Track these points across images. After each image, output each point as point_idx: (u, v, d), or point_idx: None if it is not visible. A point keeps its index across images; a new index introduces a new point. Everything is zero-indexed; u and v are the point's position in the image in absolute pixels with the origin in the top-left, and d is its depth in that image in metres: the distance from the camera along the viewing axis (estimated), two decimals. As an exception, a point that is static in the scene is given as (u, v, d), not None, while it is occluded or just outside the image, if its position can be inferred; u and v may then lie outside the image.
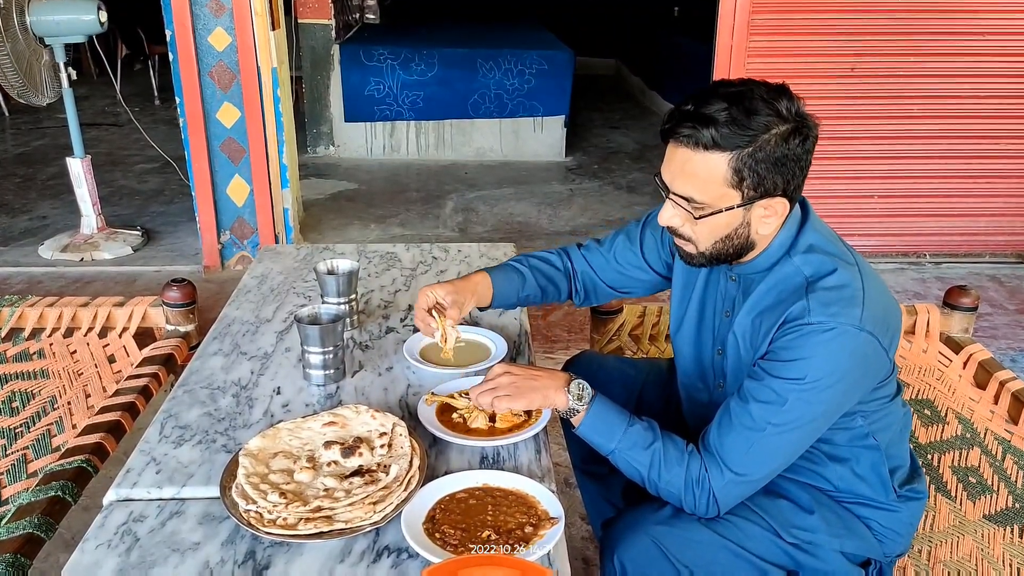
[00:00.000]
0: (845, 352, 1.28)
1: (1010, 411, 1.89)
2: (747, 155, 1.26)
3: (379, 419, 1.38)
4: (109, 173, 5.51)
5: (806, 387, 1.28)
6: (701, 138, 1.26)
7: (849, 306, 1.28)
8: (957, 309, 2.13)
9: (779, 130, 1.27)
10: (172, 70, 3.78)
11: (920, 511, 1.52)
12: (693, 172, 1.30)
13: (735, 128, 1.25)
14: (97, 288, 3.86)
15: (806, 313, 1.28)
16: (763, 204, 1.31)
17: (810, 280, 1.32)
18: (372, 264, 2.17)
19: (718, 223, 1.33)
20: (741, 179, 1.28)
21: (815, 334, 1.27)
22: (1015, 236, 4.24)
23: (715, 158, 1.27)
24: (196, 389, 1.57)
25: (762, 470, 1.34)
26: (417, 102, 5.92)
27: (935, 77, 3.96)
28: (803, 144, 1.29)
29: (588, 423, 1.40)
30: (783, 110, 1.27)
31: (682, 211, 1.34)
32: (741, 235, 1.35)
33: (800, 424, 1.32)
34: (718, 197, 1.30)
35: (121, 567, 1.13)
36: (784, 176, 1.30)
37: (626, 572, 1.40)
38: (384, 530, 1.20)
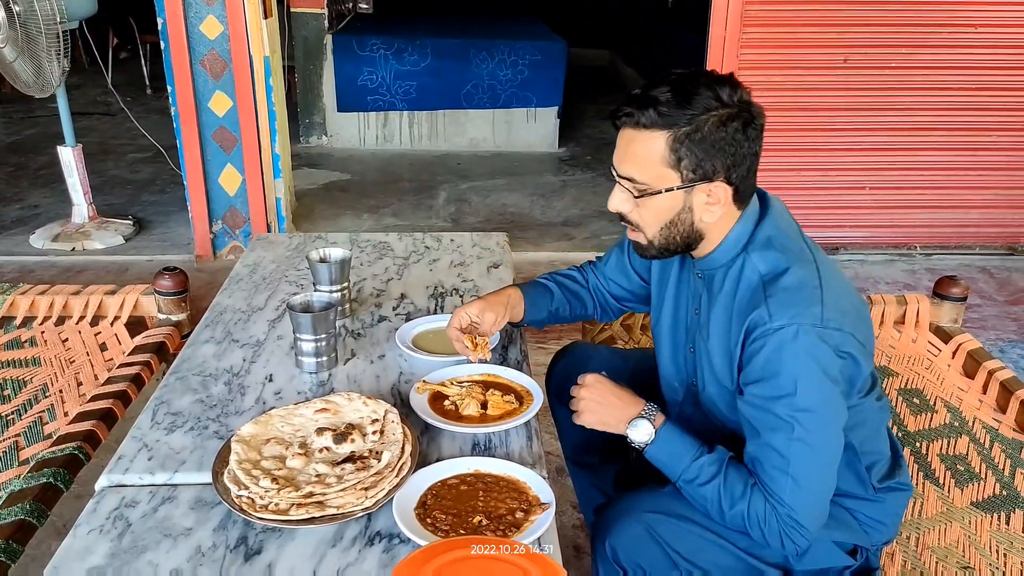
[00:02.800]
0: (816, 349, 1.26)
1: (998, 400, 1.90)
2: (684, 134, 1.28)
3: (371, 406, 1.39)
4: (101, 162, 5.48)
5: (803, 402, 1.27)
6: (641, 117, 1.29)
7: (809, 305, 1.27)
8: (947, 299, 2.14)
9: (718, 113, 1.28)
10: (164, 59, 3.76)
11: (905, 501, 1.52)
12: (635, 152, 1.32)
13: (673, 108, 1.27)
14: (88, 277, 3.84)
15: (768, 318, 1.28)
16: (704, 189, 1.32)
17: (766, 280, 1.32)
18: (365, 253, 2.17)
19: (660, 206, 1.34)
20: (679, 159, 1.29)
21: (783, 342, 1.26)
22: (1005, 228, 4.26)
23: (654, 136, 1.29)
24: (188, 376, 1.57)
25: (807, 488, 1.30)
26: (410, 92, 5.91)
27: (927, 69, 3.97)
28: (743, 131, 1.30)
29: (653, 453, 1.40)
30: (724, 95, 1.29)
31: (628, 194, 1.35)
32: (685, 221, 1.35)
33: (818, 429, 1.29)
34: (658, 177, 1.31)
35: (113, 552, 1.14)
36: (723, 160, 1.30)
37: (618, 557, 1.41)
38: (376, 516, 1.20)
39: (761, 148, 1.36)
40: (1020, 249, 4.27)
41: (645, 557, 1.41)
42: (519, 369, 1.60)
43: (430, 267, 2.09)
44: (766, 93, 3.98)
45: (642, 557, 1.41)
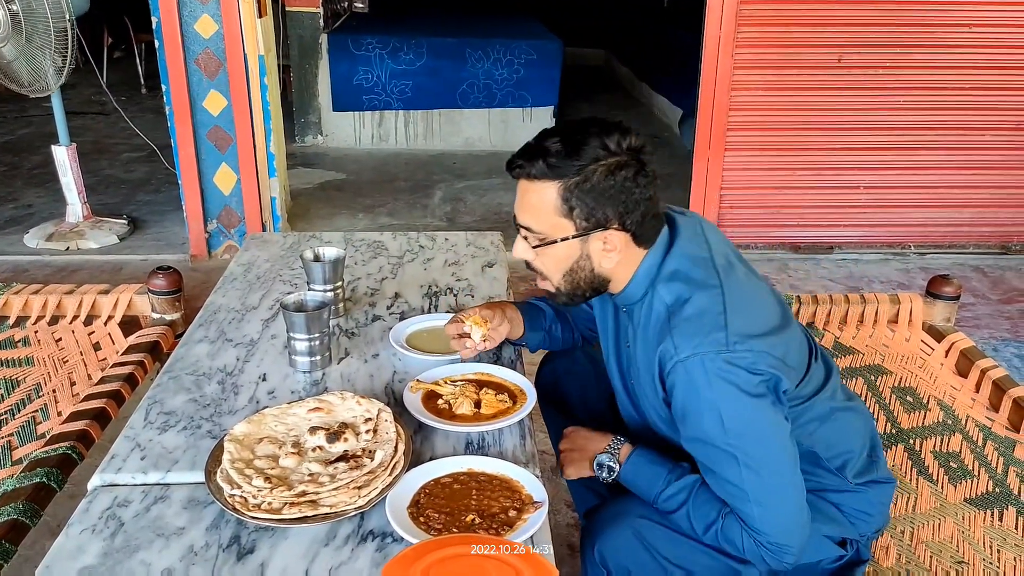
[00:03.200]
0: (727, 374, 1.26)
1: (991, 399, 1.91)
2: (573, 184, 1.29)
3: (364, 405, 1.39)
4: (95, 162, 5.47)
5: (730, 425, 1.26)
6: (532, 169, 1.31)
7: (712, 331, 1.27)
8: (940, 298, 2.15)
9: (606, 163, 1.30)
10: (158, 58, 3.76)
11: (888, 492, 1.52)
12: (529, 202, 1.34)
13: (563, 159, 1.29)
14: (83, 277, 3.84)
15: (673, 351, 1.28)
16: (599, 237, 1.34)
17: (671, 311, 1.32)
18: (359, 252, 2.17)
19: (559, 255, 1.36)
20: (571, 208, 1.31)
21: (691, 374, 1.27)
22: (999, 227, 4.27)
23: (546, 187, 1.31)
24: (181, 376, 1.57)
25: (771, 503, 1.30)
26: (406, 91, 5.90)
27: (921, 69, 3.98)
28: (633, 179, 1.31)
29: (625, 480, 1.44)
30: (612, 144, 1.30)
31: (527, 243, 1.38)
32: (585, 268, 1.37)
33: (761, 449, 1.29)
34: (553, 226, 1.34)
35: (106, 551, 1.14)
36: (615, 208, 1.31)
37: (606, 563, 1.41)
38: (369, 514, 1.20)
39: (656, 192, 1.35)
40: (1014, 248, 4.28)
41: (633, 562, 1.41)
42: (512, 368, 1.60)
43: (424, 266, 2.09)
44: (760, 93, 3.99)
45: (630, 562, 1.41)
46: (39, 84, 3.89)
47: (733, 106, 3.98)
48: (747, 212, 4.20)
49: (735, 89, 3.95)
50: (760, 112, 4.01)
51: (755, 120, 4.03)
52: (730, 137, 4.04)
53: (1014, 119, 4.07)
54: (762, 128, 4.05)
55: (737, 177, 4.13)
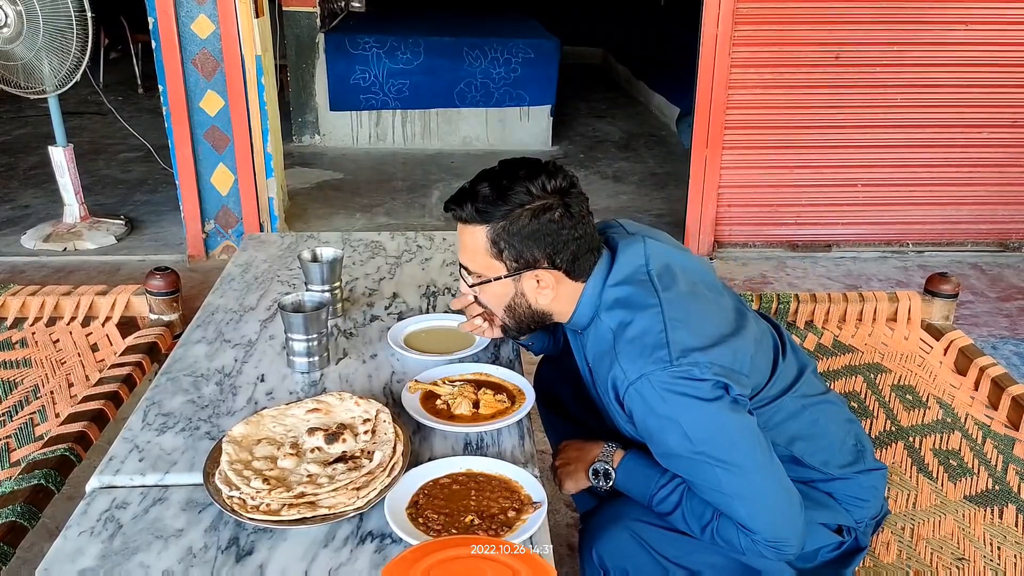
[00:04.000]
0: (676, 387, 1.26)
1: (990, 397, 1.91)
2: (501, 228, 1.34)
3: (363, 406, 1.39)
4: (92, 162, 5.47)
5: (693, 434, 1.27)
6: (463, 213, 1.37)
7: (655, 350, 1.28)
8: (938, 296, 2.15)
9: (531, 206, 1.33)
10: (155, 58, 3.75)
11: (880, 479, 1.52)
12: (464, 243, 1.40)
13: (489, 204, 1.34)
14: (80, 278, 3.83)
15: (622, 374, 1.30)
16: (531, 276, 1.37)
17: (615, 335, 1.33)
18: (357, 252, 2.17)
19: (495, 292, 1.41)
20: (500, 250, 1.36)
21: (643, 394, 1.27)
22: (997, 224, 4.28)
23: (476, 231, 1.36)
24: (179, 377, 1.56)
25: (758, 502, 1.30)
26: (403, 91, 5.90)
27: (918, 66, 3.98)
28: (559, 220, 1.34)
29: (621, 487, 1.46)
30: (536, 188, 1.33)
31: (469, 281, 1.42)
32: (522, 305, 1.41)
33: (733, 451, 1.28)
34: (486, 267, 1.39)
35: (104, 553, 1.13)
36: (543, 249, 1.35)
37: (604, 565, 1.41)
38: (368, 515, 1.20)
39: (588, 229, 1.38)
40: (1012, 245, 4.29)
41: (631, 563, 1.41)
42: (511, 368, 1.59)
43: (422, 266, 2.09)
44: (758, 91, 3.99)
45: (628, 563, 1.41)
46: (53, 81, 3.89)
47: (731, 104, 3.98)
48: (745, 210, 4.20)
49: (732, 87, 3.95)
50: (758, 110, 4.01)
51: (753, 118, 4.03)
52: (728, 135, 4.04)
53: (1012, 116, 4.07)
54: (760, 126, 4.05)
55: (735, 175, 4.13)
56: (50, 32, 3.77)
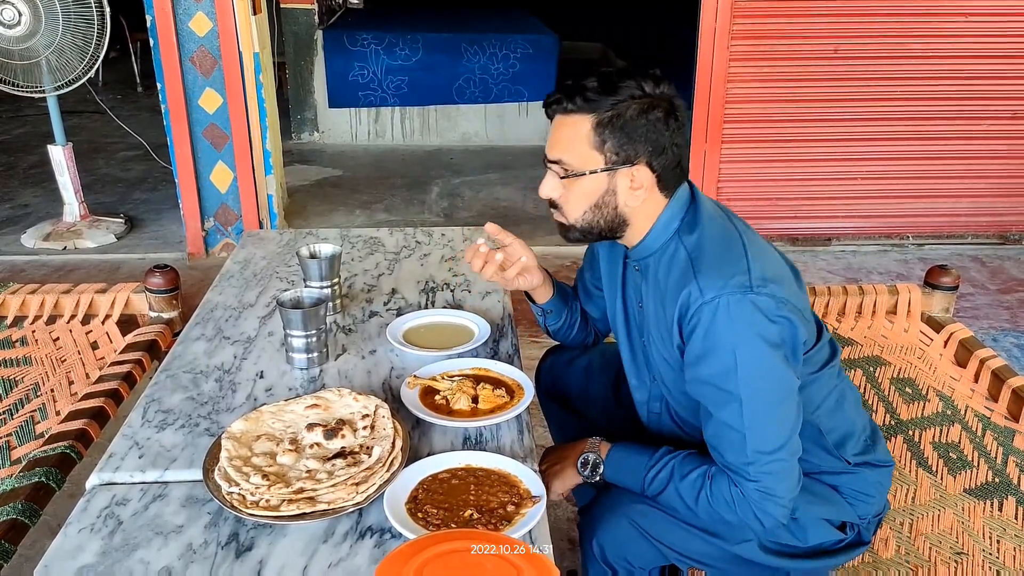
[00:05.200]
0: (751, 316, 1.28)
1: (990, 389, 1.91)
2: (607, 119, 1.33)
3: (362, 401, 1.39)
4: (92, 161, 5.47)
5: (735, 371, 1.28)
6: (569, 103, 1.35)
7: (736, 275, 1.29)
8: (938, 289, 2.15)
9: (639, 102, 1.34)
10: (153, 56, 3.75)
11: (887, 475, 1.53)
12: (562, 135, 1.38)
13: (598, 93, 1.34)
14: (80, 276, 3.83)
15: (699, 294, 1.30)
16: (627, 173, 1.36)
17: (693, 257, 1.35)
18: (355, 249, 2.17)
19: (585, 188, 1.38)
20: (603, 141, 1.34)
21: (715, 314, 1.28)
22: (997, 217, 4.27)
23: (580, 120, 1.35)
24: (179, 374, 1.57)
25: (769, 457, 1.30)
26: (401, 87, 5.89)
27: (917, 58, 3.97)
28: (664, 120, 1.35)
29: (611, 478, 1.47)
30: (646, 87, 1.35)
31: (556, 178, 1.40)
32: (609, 204, 1.39)
33: (768, 396, 1.30)
34: (584, 159, 1.36)
35: (104, 550, 1.13)
36: (645, 147, 1.35)
37: (606, 555, 1.41)
38: (367, 511, 1.20)
39: (685, 142, 1.40)
40: (1012, 238, 4.28)
41: (633, 552, 1.42)
42: (510, 363, 1.59)
43: (421, 262, 2.09)
44: (757, 85, 3.98)
45: (630, 552, 1.42)
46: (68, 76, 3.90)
47: (729, 98, 3.97)
48: (744, 204, 4.19)
49: (731, 81, 3.94)
50: (756, 104, 4.00)
51: (751, 112, 4.02)
52: (727, 129, 4.03)
53: (1011, 108, 4.06)
54: (759, 120, 4.04)
55: (734, 169, 4.12)
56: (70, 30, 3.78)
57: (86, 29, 3.84)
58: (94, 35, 3.84)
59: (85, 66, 3.90)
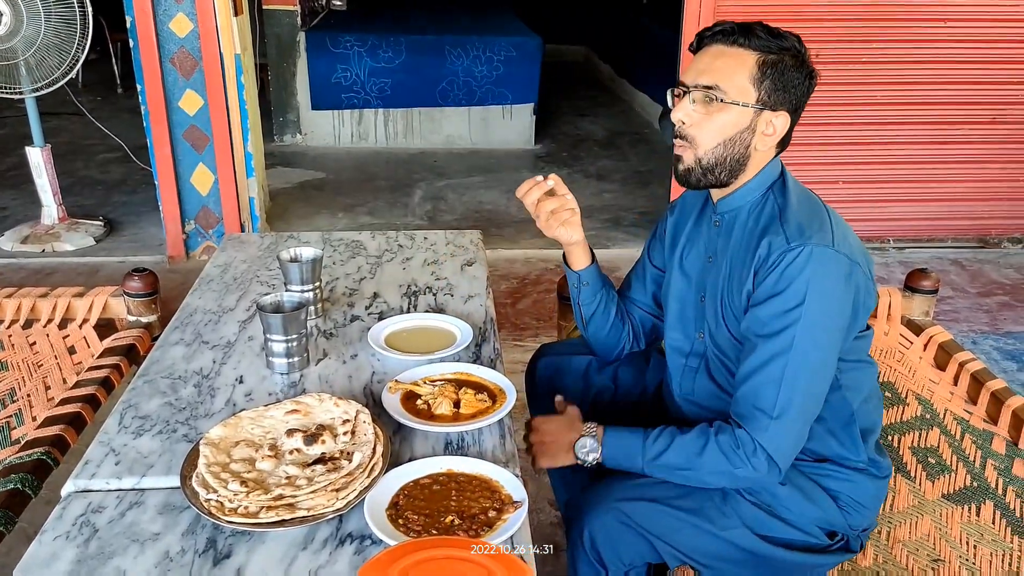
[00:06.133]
0: (829, 271, 1.34)
1: (969, 392, 1.91)
2: (772, 60, 1.40)
3: (342, 407, 1.38)
4: (71, 163, 5.41)
5: (800, 311, 1.33)
6: (738, 37, 1.42)
7: (820, 231, 1.36)
8: (918, 292, 2.16)
9: (799, 56, 1.43)
10: (133, 57, 3.72)
11: (884, 488, 1.55)
12: (723, 64, 1.42)
13: (766, 37, 1.41)
14: (58, 279, 3.79)
15: (784, 242, 1.35)
16: (768, 117, 1.42)
17: (782, 210, 1.42)
18: (337, 252, 2.16)
19: (728, 120, 1.42)
20: (762, 79, 1.40)
21: (795, 259, 1.34)
22: (977, 220, 4.31)
23: (747, 54, 1.41)
24: (157, 379, 1.55)
25: (793, 408, 1.36)
26: (385, 89, 5.88)
27: (898, 63, 4.00)
28: (808, 80, 1.44)
29: (608, 457, 1.48)
30: (801, 47, 1.44)
31: (699, 104, 1.43)
32: (742, 142, 1.43)
33: (818, 351, 1.35)
34: (739, 90, 1.41)
35: (79, 558, 1.12)
36: (792, 96, 1.42)
37: (596, 546, 1.41)
38: (347, 517, 1.19)
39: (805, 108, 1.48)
40: (992, 241, 4.32)
41: (622, 544, 1.42)
42: (492, 367, 1.59)
43: (403, 266, 2.08)
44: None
45: (619, 544, 1.42)
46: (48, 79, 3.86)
47: (712, 102, 3.98)
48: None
49: (714, 85, 3.95)
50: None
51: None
52: (709, 133, 4.04)
53: (990, 112, 4.11)
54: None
55: (717, 173, 4.13)
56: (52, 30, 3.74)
57: (67, 30, 3.81)
58: (75, 36, 3.81)
59: (65, 67, 3.86)
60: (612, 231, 4.52)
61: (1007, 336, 3.40)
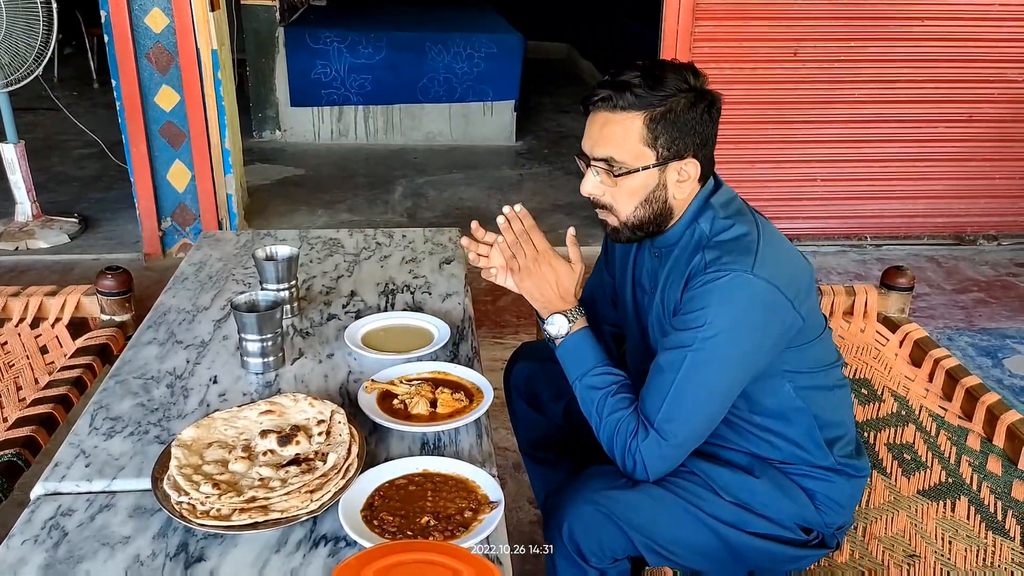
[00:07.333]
0: (740, 298, 1.33)
1: (944, 388, 1.93)
2: (659, 114, 1.36)
3: (317, 407, 1.36)
4: (45, 159, 5.34)
5: (707, 334, 1.33)
6: (618, 100, 1.36)
7: (742, 255, 1.34)
8: (894, 289, 2.17)
9: (687, 96, 1.37)
10: (108, 52, 3.67)
11: (861, 487, 1.55)
12: (612, 132, 1.38)
13: (648, 90, 1.35)
14: (32, 277, 3.75)
15: (702, 266, 1.35)
16: (676, 167, 1.40)
17: (709, 236, 1.40)
18: (314, 250, 2.14)
19: (636, 184, 1.40)
20: (655, 137, 1.37)
21: (711, 283, 1.33)
22: (953, 218, 4.34)
23: (631, 117, 1.36)
24: (129, 380, 1.53)
25: (683, 429, 1.37)
26: (365, 86, 5.84)
27: (875, 62, 4.02)
28: (708, 112, 1.39)
29: (564, 347, 1.48)
30: (689, 80, 1.38)
31: (602, 176, 1.41)
32: (659, 198, 1.41)
33: (711, 374, 1.35)
34: (635, 155, 1.38)
35: (48, 563, 1.10)
36: (694, 139, 1.39)
37: (575, 539, 1.41)
38: (322, 519, 1.18)
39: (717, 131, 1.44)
40: (967, 239, 4.36)
41: (602, 533, 1.41)
42: (470, 366, 1.58)
43: (381, 264, 2.07)
44: (719, 86, 3.96)
45: (598, 536, 1.41)
46: (17, 72, 3.80)
47: (692, 100, 3.99)
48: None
49: (693, 83, 3.96)
50: (718, 105, 4.02)
51: (713, 114, 4.04)
52: (689, 131, 4.05)
53: (967, 111, 4.14)
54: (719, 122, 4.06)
55: (696, 170, 4.14)
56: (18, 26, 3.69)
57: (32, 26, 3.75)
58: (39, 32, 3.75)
59: (31, 63, 3.80)
60: (592, 228, 4.52)
61: (982, 332, 3.43)
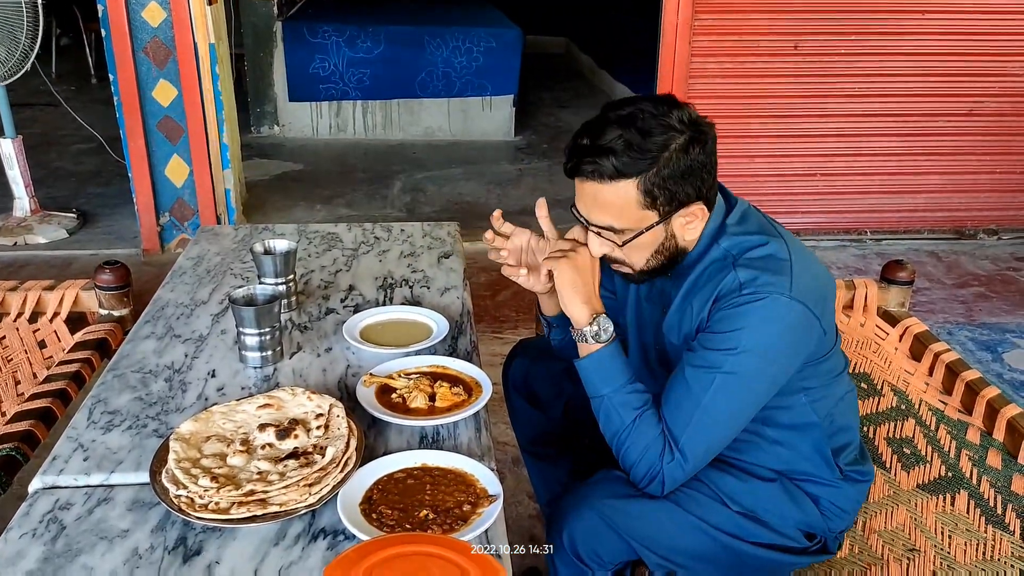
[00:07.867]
0: (776, 321, 1.30)
1: (944, 382, 1.93)
2: (653, 175, 1.28)
3: (315, 400, 1.36)
4: (44, 154, 5.33)
5: (739, 356, 1.30)
6: (604, 170, 1.28)
7: (778, 275, 1.30)
8: (894, 283, 2.17)
9: (677, 144, 1.28)
10: (105, 47, 3.66)
11: (865, 492, 1.55)
12: (605, 202, 1.32)
13: (634, 153, 1.27)
14: (30, 272, 3.74)
15: (736, 285, 1.30)
16: (681, 215, 1.34)
17: (736, 255, 1.34)
18: (313, 244, 2.13)
19: (643, 243, 1.36)
20: (654, 199, 1.30)
21: (748, 304, 1.29)
22: (953, 212, 4.34)
23: (623, 186, 1.29)
24: (127, 373, 1.52)
25: (703, 448, 1.35)
26: (364, 80, 5.83)
27: (876, 55, 4.01)
28: (703, 149, 1.31)
29: (595, 360, 1.40)
30: (675, 123, 1.28)
31: (607, 240, 1.37)
32: (669, 247, 1.38)
33: (739, 396, 1.33)
34: (637, 220, 1.33)
35: (46, 556, 1.10)
36: (694, 185, 1.32)
37: (575, 546, 1.41)
38: (320, 512, 1.18)
39: (717, 159, 1.37)
40: (967, 233, 4.36)
41: (602, 545, 1.41)
42: (468, 360, 1.57)
43: (379, 258, 2.06)
44: (718, 81, 4.00)
45: (600, 545, 1.41)
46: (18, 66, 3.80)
47: (691, 94, 3.98)
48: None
49: (693, 77, 3.96)
50: (717, 100, 4.02)
51: (712, 108, 4.02)
52: (688, 125, 4.04)
53: (967, 105, 4.13)
54: (719, 116, 4.00)
55: (696, 165, 4.13)
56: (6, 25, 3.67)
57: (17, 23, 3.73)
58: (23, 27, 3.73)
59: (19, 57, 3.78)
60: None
61: (982, 327, 3.43)
